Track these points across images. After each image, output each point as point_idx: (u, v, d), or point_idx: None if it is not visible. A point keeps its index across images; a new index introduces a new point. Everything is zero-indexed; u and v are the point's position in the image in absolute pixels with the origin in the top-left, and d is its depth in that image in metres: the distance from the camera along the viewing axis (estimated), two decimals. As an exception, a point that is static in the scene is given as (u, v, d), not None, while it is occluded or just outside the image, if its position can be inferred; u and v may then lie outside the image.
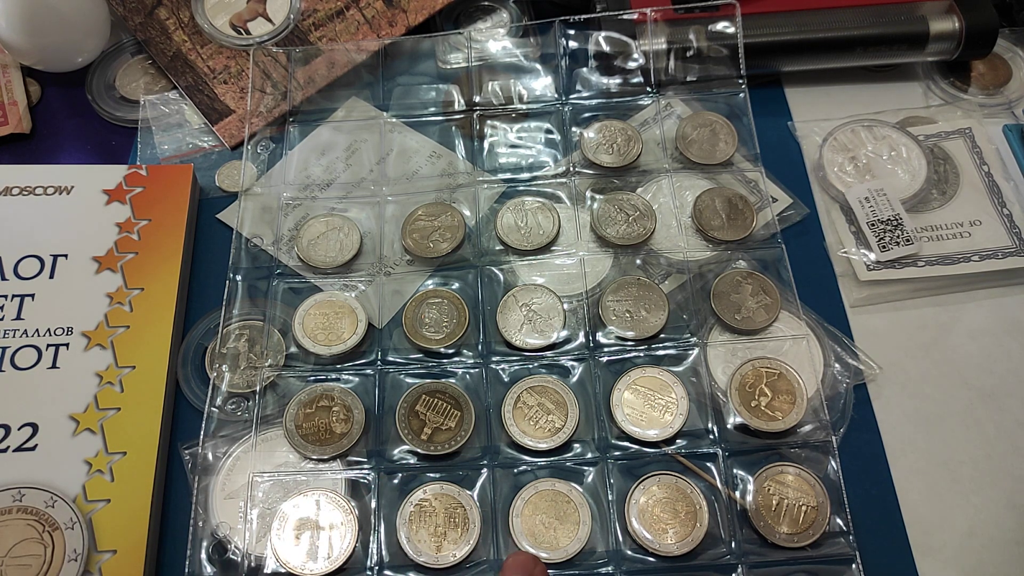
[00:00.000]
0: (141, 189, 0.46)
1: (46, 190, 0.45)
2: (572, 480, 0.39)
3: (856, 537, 0.38)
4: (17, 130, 0.50)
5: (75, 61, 0.51)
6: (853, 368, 0.42)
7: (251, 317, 0.43)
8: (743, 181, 0.47)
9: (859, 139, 0.49)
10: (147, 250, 0.44)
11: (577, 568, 0.37)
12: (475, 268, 0.45)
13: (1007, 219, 0.46)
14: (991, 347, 0.44)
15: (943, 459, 0.41)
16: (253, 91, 0.50)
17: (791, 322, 0.43)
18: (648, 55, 0.50)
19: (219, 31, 0.52)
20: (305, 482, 0.39)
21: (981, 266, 0.45)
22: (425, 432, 0.40)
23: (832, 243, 0.46)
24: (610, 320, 0.43)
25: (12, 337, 0.41)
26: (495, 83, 0.51)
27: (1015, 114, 0.51)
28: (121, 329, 0.42)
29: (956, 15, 0.49)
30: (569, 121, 0.49)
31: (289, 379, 0.42)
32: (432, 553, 0.37)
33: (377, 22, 0.52)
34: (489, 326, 0.43)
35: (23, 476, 0.38)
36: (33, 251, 0.43)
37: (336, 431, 0.40)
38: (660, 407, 0.40)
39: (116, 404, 0.40)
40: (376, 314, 0.44)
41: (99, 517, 0.37)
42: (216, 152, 0.50)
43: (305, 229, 0.46)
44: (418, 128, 0.50)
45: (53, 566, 0.36)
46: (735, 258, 0.45)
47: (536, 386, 0.41)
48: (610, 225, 0.45)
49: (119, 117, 0.51)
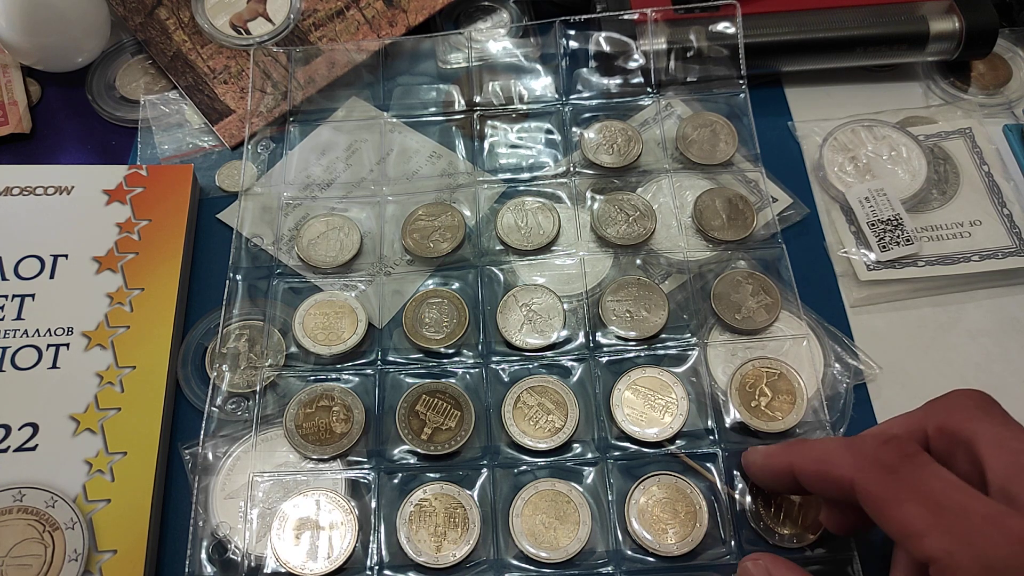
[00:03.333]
0: (141, 189, 0.46)
1: (46, 190, 0.45)
2: (572, 480, 0.39)
3: (855, 538, 0.38)
4: (17, 130, 0.50)
5: (75, 61, 0.51)
6: (853, 368, 0.42)
7: (251, 317, 0.43)
8: (743, 181, 0.47)
9: (859, 139, 0.49)
10: (147, 250, 0.44)
11: (577, 568, 0.37)
12: (475, 268, 0.45)
13: (1007, 219, 0.46)
14: (991, 347, 0.44)
15: (943, 459, 0.41)
16: (253, 91, 0.50)
17: (791, 322, 0.43)
18: (648, 55, 0.50)
19: (219, 31, 0.52)
20: (305, 482, 0.39)
21: (981, 266, 0.45)
22: (425, 432, 0.40)
23: (832, 243, 0.46)
24: (610, 320, 0.43)
25: (12, 337, 0.41)
26: (495, 83, 0.51)
27: (1015, 114, 0.51)
28: (121, 329, 0.42)
29: (956, 15, 0.49)
30: (569, 121, 0.49)
31: (289, 379, 0.42)
32: (432, 553, 0.37)
33: (377, 22, 0.52)
34: (489, 326, 0.43)
35: (23, 476, 0.38)
36: (33, 251, 0.43)
37: (336, 431, 0.40)
38: (660, 407, 0.40)
39: (116, 404, 0.40)
40: (376, 314, 0.44)
41: (99, 517, 0.37)
42: (216, 152, 0.50)
43: (305, 229, 0.46)
44: (418, 128, 0.50)
45: (53, 566, 0.36)
46: (735, 258, 0.45)
47: (536, 386, 0.41)
48: (610, 225, 0.45)
49: (119, 117, 0.51)
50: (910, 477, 0.29)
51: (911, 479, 0.29)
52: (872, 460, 0.30)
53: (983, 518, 0.27)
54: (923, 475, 0.29)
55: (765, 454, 0.36)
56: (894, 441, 0.30)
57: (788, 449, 0.35)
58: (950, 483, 0.28)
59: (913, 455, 0.30)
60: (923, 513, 0.28)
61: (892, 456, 0.30)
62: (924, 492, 0.28)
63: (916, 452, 0.30)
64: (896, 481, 0.29)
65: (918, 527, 0.28)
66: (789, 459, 0.34)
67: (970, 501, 0.28)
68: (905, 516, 0.28)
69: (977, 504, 0.28)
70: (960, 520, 0.27)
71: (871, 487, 0.30)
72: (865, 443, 0.31)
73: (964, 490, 0.28)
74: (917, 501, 0.28)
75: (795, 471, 0.34)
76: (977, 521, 0.27)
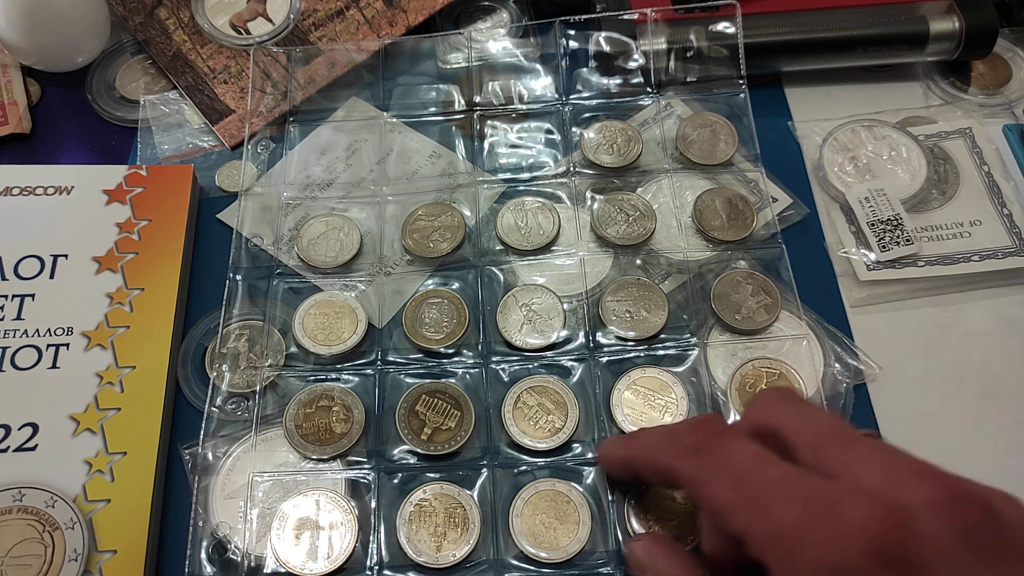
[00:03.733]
0: (141, 189, 0.46)
1: (46, 190, 0.45)
2: (572, 480, 0.39)
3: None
4: (17, 130, 0.50)
5: (75, 61, 0.51)
6: (853, 368, 0.42)
7: (251, 317, 0.43)
8: (743, 181, 0.47)
9: (859, 139, 0.49)
10: (147, 250, 0.44)
11: (577, 568, 0.37)
12: (475, 268, 0.45)
13: (1007, 219, 0.46)
14: (991, 347, 0.44)
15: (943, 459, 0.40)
16: (253, 91, 0.50)
17: (791, 322, 0.43)
18: (648, 55, 0.50)
19: (219, 31, 0.52)
20: (305, 482, 0.39)
21: (981, 266, 0.45)
22: (425, 432, 0.40)
23: (832, 243, 0.46)
24: (610, 320, 0.43)
25: (12, 337, 0.41)
26: (495, 83, 0.51)
27: (1015, 114, 0.51)
28: (121, 329, 0.42)
29: (956, 15, 0.49)
30: (569, 121, 0.49)
31: (289, 379, 0.42)
32: (432, 553, 0.37)
33: (377, 22, 0.52)
34: (489, 326, 0.43)
35: (23, 476, 0.38)
36: (33, 251, 0.43)
37: (336, 431, 0.40)
38: (660, 407, 0.40)
39: (116, 404, 0.40)
40: (376, 314, 0.44)
41: (99, 517, 0.37)
42: (216, 152, 0.50)
43: (305, 229, 0.46)
44: (418, 128, 0.50)
45: (53, 566, 0.36)
46: (735, 258, 0.45)
47: (536, 386, 0.41)
48: (610, 225, 0.45)
49: (119, 117, 0.51)
50: (715, 455, 0.29)
51: (716, 457, 0.29)
52: (684, 445, 0.31)
53: (774, 484, 0.27)
54: (726, 451, 0.29)
55: (610, 447, 0.38)
56: (703, 423, 0.31)
57: (626, 442, 0.36)
58: (748, 454, 0.29)
59: (719, 433, 0.30)
60: (726, 489, 0.28)
61: (700, 438, 0.30)
62: (726, 468, 0.29)
63: (722, 431, 0.30)
64: (704, 461, 0.30)
65: (724, 502, 0.28)
66: (626, 451, 0.35)
67: (764, 469, 0.28)
68: (713, 494, 0.28)
69: (770, 470, 0.28)
70: (756, 489, 0.27)
71: (684, 471, 0.30)
72: (679, 429, 0.32)
73: (760, 458, 0.28)
74: (721, 478, 0.28)
75: (632, 463, 0.35)
76: (769, 488, 0.27)
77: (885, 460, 0.27)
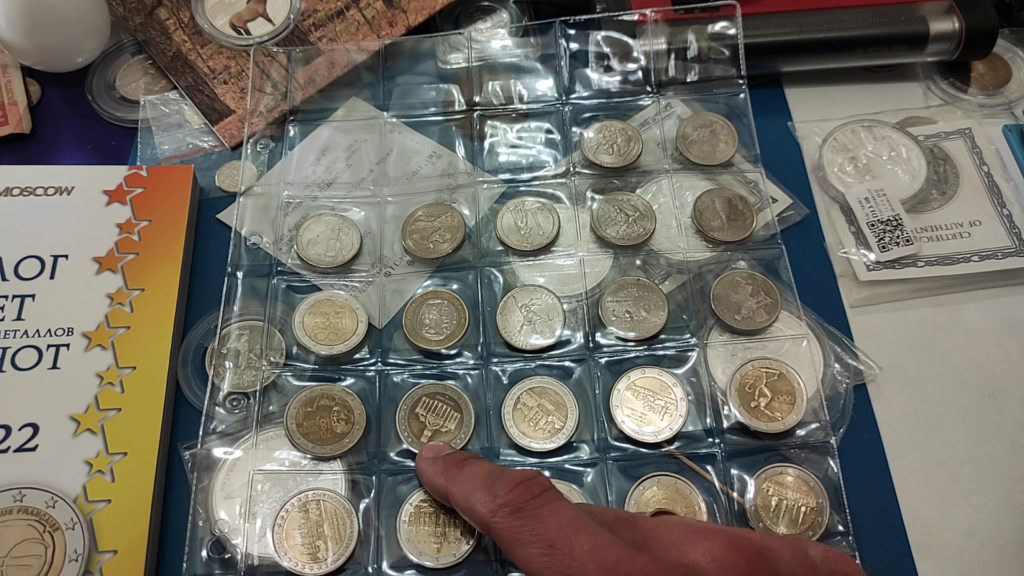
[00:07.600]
0: (141, 190, 0.46)
1: (46, 190, 0.45)
2: (572, 481, 0.39)
3: (856, 537, 0.38)
4: (17, 130, 0.50)
5: (75, 61, 0.51)
6: (853, 368, 0.42)
7: (251, 317, 0.43)
8: (743, 182, 0.47)
9: (859, 139, 0.49)
10: (147, 251, 0.44)
11: (577, 568, 0.37)
12: (475, 269, 0.45)
13: (1007, 219, 0.46)
14: (990, 347, 0.44)
15: (943, 459, 0.41)
16: (253, 91, 0.50)
17: (791, 322, 0.43)
18: (648, 55, 0.50)
19: (219, 31, 0.52)
20: (305, 482, 0.39)
21: (981, 266, 0.45)
22: (425, 434, 0.40)
23: (832, 243, 0.46)
24: (610, 321, 0.43)
25: (13, 338, 0.41)
26: (495, 83, 0.51)
27: (1015, 114, 0.51)
28: (122, 330, 0.42)
29: (956, 15, 0.49)
30: (569, 121, 0.49)
31: (289, 379, 0.42)
32: (432, 553, 0.37)
33: (377, 22, 0.52)
34: (489, 327, 0.43)
35: (24, 476, 0.38)
36: (33, 252, 0.44)
37: (336, 431, 0.40)
38: (660, 408, 0.40)
39: (116, 404, 0.40)
40: (376, 314, 0.44)
41: (100, 517, 0.37)
42: (216, 152, 0.50)
43: (305, 229, 0.46)
44: (418, 128, 0.50)
45: (54, 566, 0.36)
46: (735, 258, 0.45)
47: (536, 387, 0.41)
48: (610, 225, 0.45)
49: (119, 117, 0.51)
50: (532, 517, 0.30)
51: (532, 519, 0.30)
52: (503, 502, 0.31)
53: (585, 553, 0.28)
54: (542, 513, 0.30)
55: (430, 471, 0.36)
56: (525, 483, 0.31)
57: (446, 475, 0.35)
58: (565, 519, 0.29)
59: (538, 494, 0.31)
60: (539, 553, 0.29)
61: (519, 497, 0.31)
62: (541, 532, 0.29)
63: (542, 491, 0.31)
64: (520, 523, 0.30)
65: (537, 567, 0.28)
66: (447, 486, 0.35)
67: (577, 537, 0.28)
68: (527, 557, 0.29)
69: (583, 539, 0.28)
70: (567, 558, 0.28)
71: (500, 530, 0.30)
72: (500, 485, 0.32)
73: (576, 525, 0.29)
74: (535, 542, 0.29)
75: (450, 500, 0.34)
76: (579, 556, 0.28)
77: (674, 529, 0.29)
